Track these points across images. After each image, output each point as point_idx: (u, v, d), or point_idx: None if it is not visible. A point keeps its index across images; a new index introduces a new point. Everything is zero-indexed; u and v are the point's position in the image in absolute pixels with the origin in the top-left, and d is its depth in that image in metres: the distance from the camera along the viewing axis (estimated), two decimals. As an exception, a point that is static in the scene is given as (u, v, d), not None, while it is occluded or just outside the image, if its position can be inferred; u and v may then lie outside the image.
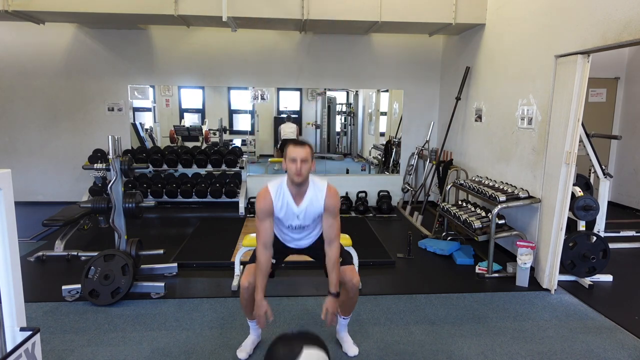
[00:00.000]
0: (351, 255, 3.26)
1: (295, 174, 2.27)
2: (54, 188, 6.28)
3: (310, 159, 2.29)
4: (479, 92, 5.08)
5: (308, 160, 2.28)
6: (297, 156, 2.25)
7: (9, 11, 4.51)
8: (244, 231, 5.02)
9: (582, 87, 3.27)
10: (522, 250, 3.61)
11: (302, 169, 2.26)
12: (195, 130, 8.48)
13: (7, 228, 1.29)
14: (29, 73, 6.02)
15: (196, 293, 3.45)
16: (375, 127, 9.46)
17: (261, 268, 2.36)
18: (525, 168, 4.02)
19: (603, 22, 3.05)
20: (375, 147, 9.00)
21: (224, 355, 2.57)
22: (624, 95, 6.39)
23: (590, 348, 2.71)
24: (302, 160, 2.26)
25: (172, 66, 6.20)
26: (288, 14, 4.81)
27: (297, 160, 2.25)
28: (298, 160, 2.25)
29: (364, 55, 6.32)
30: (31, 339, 1.31)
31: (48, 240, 4.61)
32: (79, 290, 3.23)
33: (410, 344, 2.71)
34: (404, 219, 5.86)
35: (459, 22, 4.94)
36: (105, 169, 3.51)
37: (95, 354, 2.57)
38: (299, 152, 2.26)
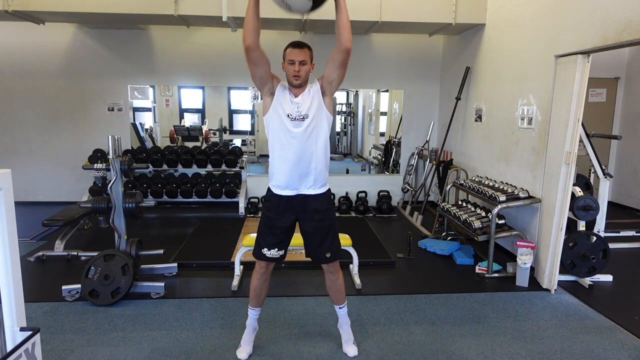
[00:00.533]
0: (342, 254, 3.22)
1: (293, 76, 2.25)
2: (54, 188, 6.28)
3: (309, 60, 2.27)
4: (479, 92, 5.08)
5: (307, 62, 2.26)
6: (296, 58, 2.24)
7: (9, 11, 4.51)
8: (244, 231, 5.02)
9: (582, 87, 3.27)
10: (522, 250, 3.61)
11: (300, 71, 2.24)
12: (195, 130, 8.48)
13: (7, 228, 1.29)
14: (29, 73, 6.02)
15: (196, 293, 3.45)
16: (375, 127, 9.46)
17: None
18: (525, 168, 4.02)
19: (603, 22, 3.05)
20: (375, 147, 9.00)
21: (224, 355, 2.57)
22: (624, 95, 6.39)
23: (590, 348, 2.71)
24: (301, 62, 2.24)
25: (172, 66, 6.20)
26: (288, 14, 4.80)
27: (295, 62, 2.24)
28: (297, 62, 2.24)
29: (364, 55, 6.32)
30: (31, 339, 1.31)
31: (48, 240, 4.61)
32: (79, 290, 3.23)
33: (410, 344, 2.71)
34: (404, 219, 5.86)
35: (459, 22, 4.93)
36: (105, 169, 3.51)
37: (95, 354, 2.57)
38: (297, 53, 2.24)
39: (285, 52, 2.31)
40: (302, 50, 2.27)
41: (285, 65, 2.29)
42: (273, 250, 2.40)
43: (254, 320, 2.59)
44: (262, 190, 6.17)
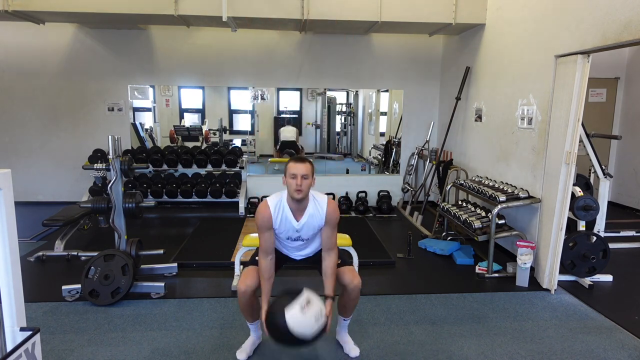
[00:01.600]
0: (351, 256, 3.26)
1: (295, 190, 2.27)
2: (54, 188, 6.28)
3: (310, 175, 2.29)
4: (479, 92, 5.08)
5: (309, 176, 2.28)
6: (298, 172, 2.25)
7: (9, 11, 4.51)
8: (244, 231, 5.02)
9: (582, 87, 3.27)
10: (522, 250, 3.61)
11: (302, 185, 2.26)
12: (195, 130, 8.48)
13: (7, 228, 1.29)
14: (29, 73, 6.02)
15: (196, 293, 3.45)
16: (375, 127, 9.46)
17: (264, 275, 2.37)
18: (525, 168, 4.02)
19: (603, 22, 3.05)
20: (375, 147, 8.99)
21: (224, 355, 2.57)
22: (624, 95, 6.39)
23: (590, 348, 2.71)
24: (303, 176, 2.25)
25: (172, 66, 6.20)
26: (288, 14, 4.81)
27: (297, 177, 2.25)
28: (298, 176, 2.25)
29: (364, 55, 6.32)
30: (31, 339, 1.31)
31: (48, 240, 4.61)
32: (79, 290, 3.23)
33: (410, 344, 2.71)
34: (404, 219, 5.86)
35: (459, 22, 4.94)
36: (105, 169, 3.51)
37: (95, 354, 2.57)
38: (299, 168, 2.26)
39: (287, 167, 2.32)
40: (304, 164, 2.29)
41: (287, 179, 2.30)
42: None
43: (256, 331, 2.62)
44: (262, 190, 6.23)
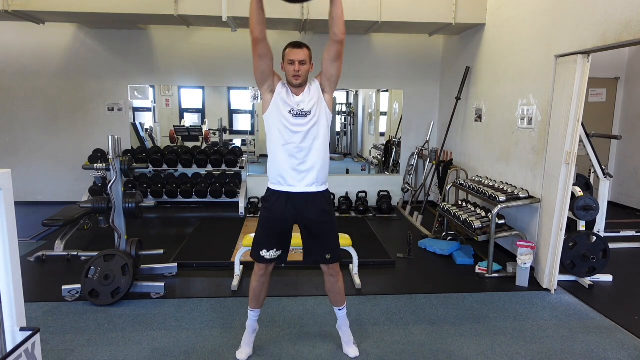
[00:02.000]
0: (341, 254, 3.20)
1: (293, 76, 2.27)
2: (54, 188, 6.28)
3: (309, 60, 2.29)
4: (479, 92, 5.08)
5: (306, 61, 2.28)
6: (295, 58, 2.26)
7: (9, 11, 4.51)
8: (244, 231, 5.02)
9: (582, 87, 3.27)
10: (522, 250, 3.61)
11: (300, 71, 2.26)
12: (195, 130, 8.48)
13: (7, 228, 1.29)
14: (29, 73, 6.02)
15: (196, 293, 3.45)
16: (375, 127, 9.47)
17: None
18: (525, 168, 4.02)
19: (603, 22, 3.05)
20: (375, 147, 9.00)
21: (224, 355, 2.57)
22: (624, 95, 6.39)
23: (590, 348, 2.71)
24: (300, 62, 2.26)
25: (172, 66, 6.20)
26: (288, 14, 4.81)
27: (295, 62, 2.25)
28: (296, 62, 2.25)
29: (364, 56, 6.32)
30: (31, 339, 1.31)
31: (48, 240, 4.61)
32: (79, 290, 3.23)
33: (410, 344, 2.71)
34: (404, 219, 5.86)
35: (459, 22, 4.94)
36: (105, 169, 3.51)
37: (95, 354, 2.57)
38: (297, 53, 2.26)
39: (285, 53, 2.32)
40: (302, 49, 2.28)
41: (285, 65, 2.31)
42: (272, 251, 2.39)
43: (254, 321, 2.58)
44: (262, 190, 6.14)
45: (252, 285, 2.50)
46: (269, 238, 2.39)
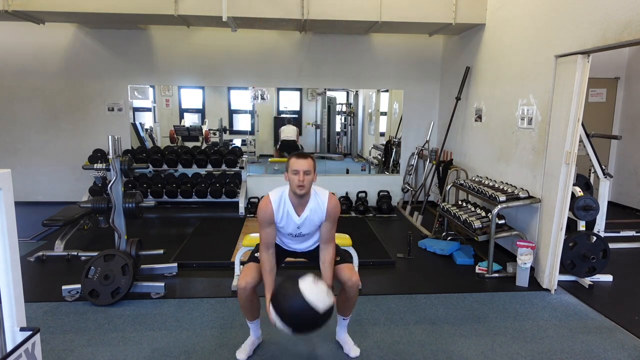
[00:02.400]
0: (350, 255, 3.26)
1: (297, 186, 2.28)
2: (54, 188, 6.28)
3: (312, 170, 2.31)
4: (479, 92, 5.08)
5: (311, 172, 2.29)
6: (300, 168, 2.26)
7: (9, 11, 4.51)
8: (244, 231, 5.02)
9: (582, 87, 3.27)
10: (522, 250, 3.61)
11: (304, 181, 2.27)
12: (195, 130, 8.48)
13: (7, 228, 1.29)
14: (29, 73, 6.02)
15: (196, 293, 3.45)
16: (375, 127, 9.46)
17: (265, 268, 2.37)
18: (525, 168, 4.02)
19: (603, 22, 3.05)
20: (375, 147, 9.00)
21: (224, 355, 2.57)
22: (624, 95, 6.39)
23: (590, 348, 2.71)
24: (305, 172, 2.27)
25: (172, 66, 6.20)
26: (288, 14, 4.81)
27: (299, 172, 2.26)
28: (301, 172, 2.26)
29: (364, 55, 6.32)
30: (31, 339, 1.31)
31: (48, 240, 4.61)
32: (79, 290, 3.23)
33: (410, 344, 2.71)
34: (404, 219, 5.86)
35: (459, 22, 4.94)
36: (105, 169, 3.51)
37: (95, 354, 2.57)
38: (301, 164, 2.27)
39: (289, 163, 2.33)
40: (307, 160, 2.31)
41: (289, 174, 2.32)
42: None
43: (256, 330, 2.61)
44: (262, 190, 6.23)
45: (240, 299, 2.46)
46: None
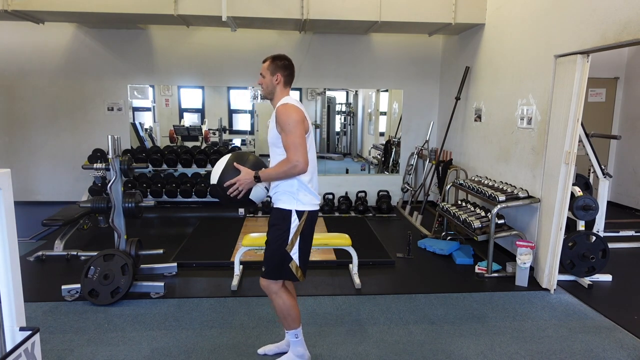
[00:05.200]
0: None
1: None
2: (53, 188, 6.28)
3: (267, 74, 2.28)
4: (478, 92, 5.08)
5: (265, 74, 2.29)
6: (261, 70, 2.32)
7: (8, 11, 4.51)
8: (244, 231, 5.02)
9: (582, 87, 3.27)
10: (522, 250, 3.61)
11: (262, 83, 2.32)
12: (194, 130, 8.47)
13: (6, 228, 1.29)
14: (29, 73, 6.02)
15: (196, 293, 3.45)
16: (375, 127, 9.46)
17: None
18: (524, 168, 4.02)
19: (603, 22, 3.05)
20: (374, 147, 9.00)
21: (223, 354, 2.57)
22: (623, 95, 6.39)
23: (589, 348, 2.71)
24: (260, 73, 2.31)
25: (171, 66, 6.20)
26: (288, 14, 4.81)
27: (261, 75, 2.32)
28: (261, 74, 2.32)
29: (364, 55, 6.32)
30: (31, 338, 1.31)
31: (48, 240, 4.61)
32: (79, 289, 3.23)
33: (409, 344, 2.72)
34: (403, 219, 5.86)
35: (458, 22, 4.94)
36: (104, 169, 3.51)
37: (95, 353, 2.57)
38: (262, 67, 2.32)
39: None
40: (264, 63, 2.32)
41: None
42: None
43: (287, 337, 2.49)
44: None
45: (291, 303, 2.34)
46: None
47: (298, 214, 2.24)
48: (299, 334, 2.39)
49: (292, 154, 2.12)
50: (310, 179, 2.26)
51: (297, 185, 2.22)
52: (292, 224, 2.23)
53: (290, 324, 2.36)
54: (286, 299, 2.32)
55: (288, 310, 2.32)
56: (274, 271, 2.29)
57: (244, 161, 2.26)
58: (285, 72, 2.29)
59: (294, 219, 2.23)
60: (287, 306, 2.31)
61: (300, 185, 2.23)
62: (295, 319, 2.34)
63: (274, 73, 2.27)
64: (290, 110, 2.17)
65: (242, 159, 2.27)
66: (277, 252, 2.27)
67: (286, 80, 2.30)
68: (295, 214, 2.23)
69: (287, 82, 2.31)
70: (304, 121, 2.19)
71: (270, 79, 2.28)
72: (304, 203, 2.25)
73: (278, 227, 2.25)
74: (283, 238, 2.24)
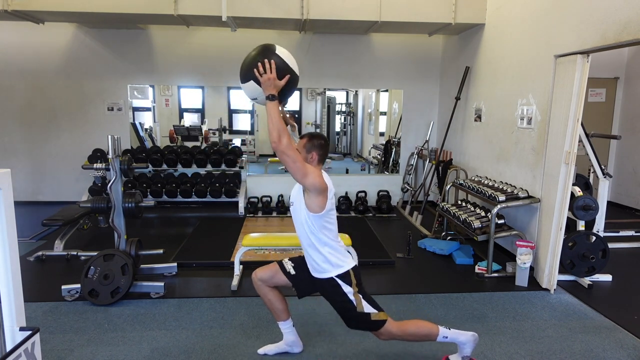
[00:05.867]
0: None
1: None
2: (53, 188, 6.28)
3: (303, 151, 2.29)
4: (478, 92, 5.08)
5: (301, 151, 2.30)
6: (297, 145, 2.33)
7: (8, 11, 4.51)
8: (244, 231, 5.02)
9: (582, 87, 3.27)
10: (522, 250, 3.61)
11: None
12: (194, 130, 8.48)
13: (6, 228, 1.30)
14: (29, 73, 6.02)
15: (196, 293, 3.45)
16: (375, 127, 9.46)
17: None
18: (524, 168, 4.02)
19: (603, 22, 3.05)
20: (374, 147, 9.00)
21: (223, 355, 2.57)
22: (623, 95, 6.39)
23: (589, 348, 2.71)
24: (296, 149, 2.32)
25: (171, 66, 6.20)
26: (288, 14, 4.81)
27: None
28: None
29: (364, 55, 6.32)
30: (31, 338, 1.31)
31: (48, 240, 4.60)
32: (79, 289, 3.23)
33: (409, 344, 2.71)
34: (403, 219, 5.86)
35: (458, 22, 4.94)
36: (104, 169, 3.51)
37: (95, 353, 2.57)
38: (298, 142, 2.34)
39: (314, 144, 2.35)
40: (301, 140, 2.35)
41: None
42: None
43: (285, 333, 2.58)
44: (262, 190, 6.23)
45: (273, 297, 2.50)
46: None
47: (343, 278, 2.28)
48: (288, 324, 2.54)
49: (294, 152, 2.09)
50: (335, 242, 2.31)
51: (328, 252, 2.27)
52: (344, 288, 2.28)
53: (278, 316, 2.50)
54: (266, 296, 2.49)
55: (270, 303, 2.50)
56: (364, 324, 2.35)
57: (291, 86, 2.24)
58: (321, 152, 2.32)
59: (342, 284, 2.28)
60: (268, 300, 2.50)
61: (330, 253, 2.28)
62: (281, 311, 2.51)
63: (310, 151, 2.30)
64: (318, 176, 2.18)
65: (292, 84, 2.23)
66: (354, 317, 2.32)
67: (320, 160, 2.33)
68: (339, 279, 2.28)
69: (321, 160, 2.34)
70: (325, 191, 2.21)
71: (306, 156, 2.30)
72: (341, 265, 2.29)
73: (336, 298, 2.31)
74: (349, 304, 2.29)
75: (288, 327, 2.55)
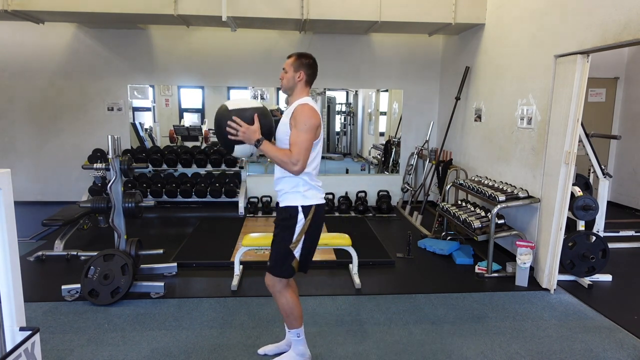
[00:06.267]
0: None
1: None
2: (53, 188, 6.28)
3: (291, 69, 2.28)
4: (478, 92, 5.08)
5: (288, 70, 2.29)
6: (284, 65, 2.31)
7: (8, 11, 4.51)
8: (244, 231, 5.02)
9: (582, 87, 3.27)
10: (522, 250, 3.61)
11: (282, 77, 2.31)
12: (194, 130, 8.47)
13: (6, 228, 1.29)
14: (29, 73, 6.02)
15: (196, 293, 3.45)
16: (375, 127, 9.45)
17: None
18: (524, 168, 4.02)
19: (603, 22, 3.05)
20: (374, 147, 9.00)
21: (223, 355, 2.57)
22: (623, 95, 6.39)
23: (589, 347, 2.71)
24: (283, 69, 2.31)
25: (171, 66, 6.20)
26: (288, 14, 4.81)
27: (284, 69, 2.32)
28: (283, 69, 2.32)
29: (364, 55, 6.32)
30: (31, 338, 1.31)
31: (47, 240, 4.60)
32: (79, 289, 3.23)
33: (409, 344, 2.72)
34: (403, 219, 5.86)
35: (458, 22, 4.94)
36: (104, 169, 3.51)
37: (95, 353, 2.57)
38: (286, 62, 2.32)
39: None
40: (288, 59, 2.33)
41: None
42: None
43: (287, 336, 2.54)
44: (262, 190, 6.23)
45: (294, 303, 2.35)
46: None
47: (304, 210, 2.24)
48: (301, 333, 2.39)
49: (297, 153, 2.12)
50: (313, 178, 2.28)
51: (302, 184, 2.24)
52: (298, 222, 2.24)
53: (292, 323, 2.36)
54: (290, 298, 2.33)
55: (291, 309, 2.33)
56: (276, 267, 2.31)
57: (265, 119, 2.23)
58: (309, 71, 2.30)
59: (300, 217, 2.24)
60: (290, 305, 2.33)
61: (305, 183, 2.24)
62: (297, 318, 2.35)
63: (298, 70, 2.28)
64: (311, 113, 2.18)
65: (264, 117, 2.23)
66: (281, 249, 2.28)
67: (308, 79, 2.30)
68: (301, 210, 2.24)
69: (309, 81, 2.31)
70: (318, 128, 2.20)
71: (293, 75, 2.28)
72: (309, 198, 2.25)
73: (284, 225, 2.27)
74: (288, 236, 2.25)
75: (301, 333, 2.41)
